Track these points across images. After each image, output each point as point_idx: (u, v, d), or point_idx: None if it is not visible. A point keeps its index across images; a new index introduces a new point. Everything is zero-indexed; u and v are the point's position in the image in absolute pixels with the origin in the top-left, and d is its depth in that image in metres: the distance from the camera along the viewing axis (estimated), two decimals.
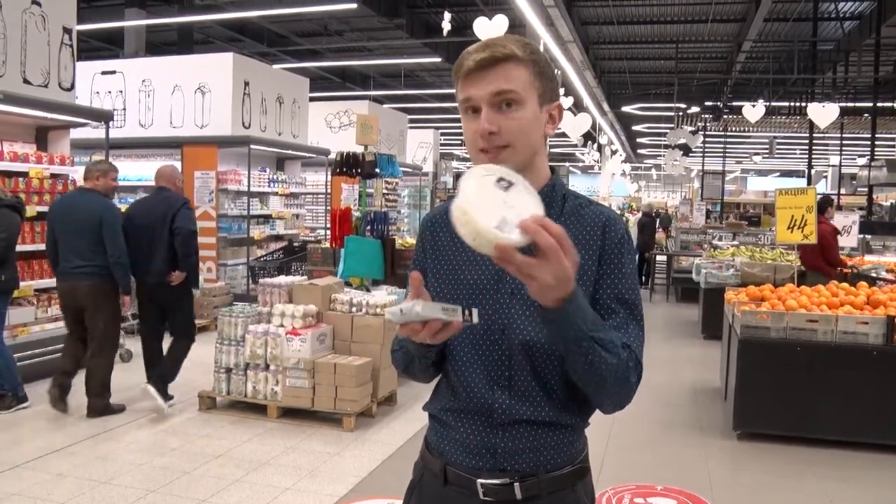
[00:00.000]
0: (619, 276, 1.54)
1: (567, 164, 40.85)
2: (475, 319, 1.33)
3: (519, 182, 1.27)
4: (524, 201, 1.24)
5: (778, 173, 45.12)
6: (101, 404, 5.73)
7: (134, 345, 7.83)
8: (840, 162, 20.42)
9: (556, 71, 1.49)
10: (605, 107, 20.97)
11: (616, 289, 1.53)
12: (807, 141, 17.28)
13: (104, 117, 7.68)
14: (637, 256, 14.99)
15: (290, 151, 11.71)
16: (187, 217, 5.99)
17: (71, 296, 5.72)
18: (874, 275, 7.71)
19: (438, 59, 16.81)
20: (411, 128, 19.49)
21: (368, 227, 7.17)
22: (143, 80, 10.73)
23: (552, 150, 35.91)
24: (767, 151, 25.37)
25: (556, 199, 1.59)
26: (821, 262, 7.63)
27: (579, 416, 1.56)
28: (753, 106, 14.84)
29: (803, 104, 16.74)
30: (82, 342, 5.78)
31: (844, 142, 19.24)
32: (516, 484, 1.51)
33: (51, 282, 6.89)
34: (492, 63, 1.48)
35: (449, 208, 1.64)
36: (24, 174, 6.75)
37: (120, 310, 5.98)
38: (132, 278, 5.89)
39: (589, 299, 1.49)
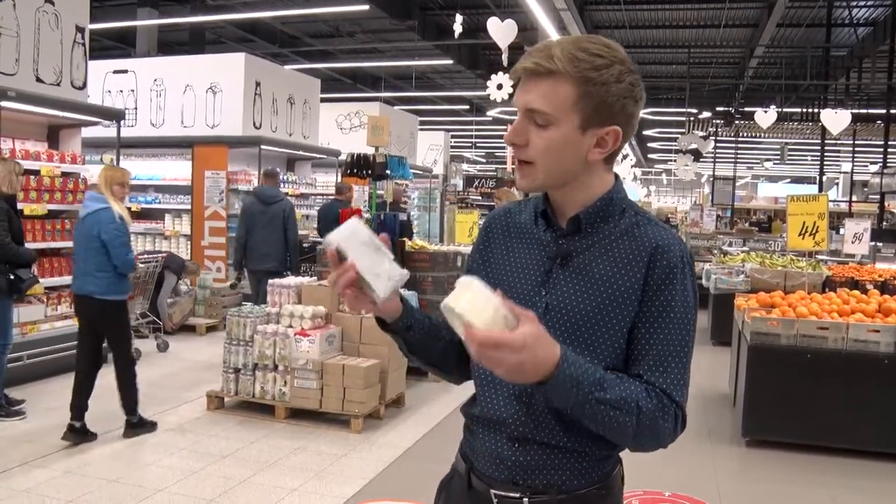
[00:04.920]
0: (663, 317, 1.42)
1: None
2: (380, 294, 1.38)
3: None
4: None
5: (789, 179, 44.91)
6: None
7: (142, 344, 7.89)
8: (852, 169, 20.34)
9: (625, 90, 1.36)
10: None
11: (657, 332, 1.42)
12: (819, 147, 17.19)
13: (116, 116, 7.71)
14: None
15: (300, 152, 11.72)
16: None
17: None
18: None
19: (450, 62, 16.79)
20: (422, 130, 19.51)
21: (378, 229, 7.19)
22: (155, 80, 10.77)
23: None
24: (779, 157, 25.28)
25: (614, 213, 1.49)
26: None
27: (602, 446, 1.47)
28: (765, 111, 14.77)
29: (816, 110, 16.65)
30: None
31: (857, 149, 19.15)
32: (526, 499, 1.48)
33: (60, 280, 6.94)
34: (531, 75, 1.40)
35: (508, 209, 1.65)
36: (36, 172, 6.78)
37: None
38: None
39: (626, 331, 1.43)
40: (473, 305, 1.21)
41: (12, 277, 5.45)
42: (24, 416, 5.56)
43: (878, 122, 16.95)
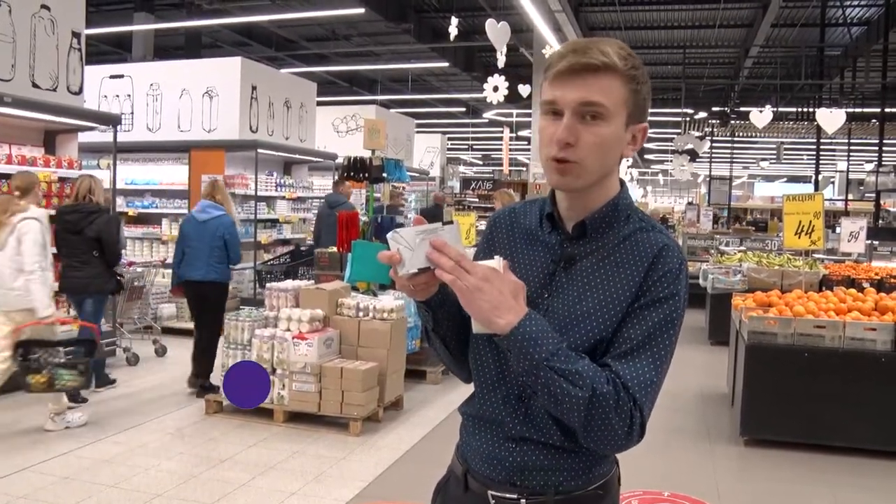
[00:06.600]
0: (647, 312, 1.41)
1: None
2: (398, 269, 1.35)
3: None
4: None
5: (785, 179, 44.98)
6: None
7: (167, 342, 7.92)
8: (847, 167, 20.40)
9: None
10: None
11: (637, 325, 1.40)
12: (814, 146, 17.23)
13: (112, 121, 7.71)
14: None
15: (297, 156, 11.72)
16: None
17: None
18: None
19: (446, 64, 16.83)
20: (418, 132, 19.52)
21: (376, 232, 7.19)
22: (152, 84, 10.76)
23: None
24: (775, 157, 25.32)
25: (620, 219, 1.49)
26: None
27: None
28: (761, 111, 14.81)
29: (811, 109, 16.71)
30: None
31: (852, 147, 19.18)
32: (523, 500, 1.48)
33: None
34: (587, 69, 1.37)
35: (513, 209, 1.65)
36: None
37: None
38: None
39: (612, 329, 1.42)
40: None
41: (119, 279, 6.45)
42: (115, 385, 6.56)
43: (873, 120, 17.00)
